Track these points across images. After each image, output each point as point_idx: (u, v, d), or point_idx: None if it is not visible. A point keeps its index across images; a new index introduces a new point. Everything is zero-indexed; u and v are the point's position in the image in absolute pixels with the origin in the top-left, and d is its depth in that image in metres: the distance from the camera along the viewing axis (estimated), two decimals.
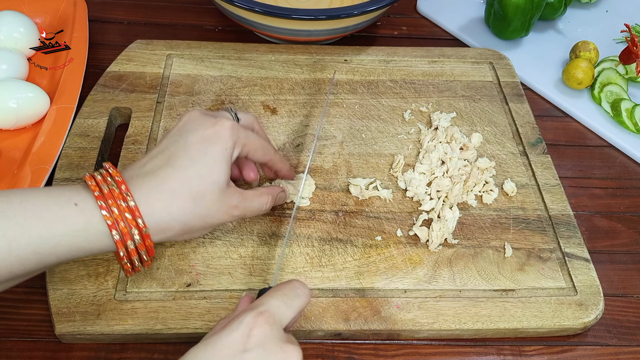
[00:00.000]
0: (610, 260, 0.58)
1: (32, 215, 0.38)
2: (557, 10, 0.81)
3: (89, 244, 0.40)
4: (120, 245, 0.40)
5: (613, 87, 0.73)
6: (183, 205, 0.42)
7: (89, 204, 0.40)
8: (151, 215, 0.41)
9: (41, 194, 0.40)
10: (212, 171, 0.43)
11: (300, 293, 0.41)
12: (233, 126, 0.46)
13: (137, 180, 0.42)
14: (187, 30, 0.79)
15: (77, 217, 0.39)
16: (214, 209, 0.44)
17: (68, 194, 0.40)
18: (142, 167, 0.43)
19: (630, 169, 0.67)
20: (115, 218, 0.40)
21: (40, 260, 0.39)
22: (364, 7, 0.68)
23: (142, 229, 0.40)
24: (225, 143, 0.45)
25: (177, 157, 0.43)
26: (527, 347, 0.51)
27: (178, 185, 0.42)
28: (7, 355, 0.47)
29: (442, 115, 0.65)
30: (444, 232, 0.54)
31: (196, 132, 0.45)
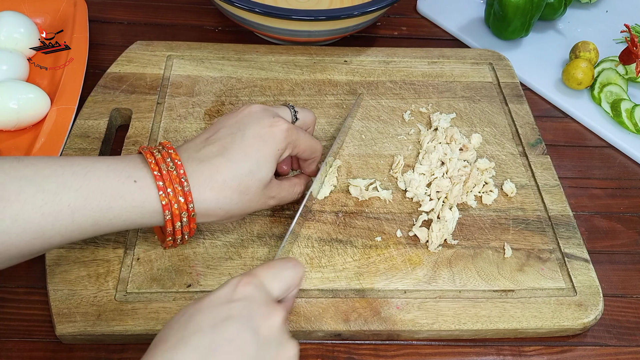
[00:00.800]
0: (609, 260, 0.58)
1: (95, 188, 0.40)
2: (557, 10, 0.81)
3: (142, 219, 0.43)
4: (169, 224, 0.44)
5: (613, 87, 0.73)
6: (230, 196, 0.45)
7: (147, 182, 0.42)
8: (201, 202, 0.44)
9: (103, 166, 0.42)
10: (261, 169, 0.46)
11: (291, 266, 0.41)
12: (289, 128, 0.48)
13: (192, 164, 0.44)
14: (187, 30, 0.79)
15: (135, 194, 0.42)
16: (254, 200, 0.47)
17: (128, 170, 0.42)
18: (198, 151, 0.45)
19: (630, 169, 0.68)
20: (170, 199, 0.42)
21: (97, 230, 0.42)
22: (364, 8, 0.68)
23: (191, 212, 0.43)
24: (278, 144, 0.47)
25: (232, 149, 0.45)
26: (526, 348, 0.51)
27: (229, 178, 0.44)
28: (7, 355, 0.47)
29: (441, 116, 0.65)
30: (444, 232, 0.54)
31: (254, 128, 0.47)
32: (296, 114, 0.52)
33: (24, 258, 0.41)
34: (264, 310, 0.37)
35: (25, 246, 0.39)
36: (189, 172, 0.43)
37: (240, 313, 0.36)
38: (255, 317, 0.36)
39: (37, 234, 0.39)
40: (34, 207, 0.38)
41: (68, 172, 0.40)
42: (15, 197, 0.38)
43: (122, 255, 0.51)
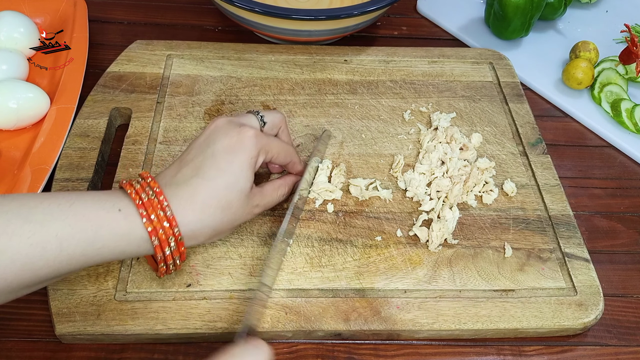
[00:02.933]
0: (610, 260, 0.58)
1: (81, 218, 0.40)
2: (557, 10, 0.81)
3: (130, 248, 0.42)
4: (159, 250, 0.43)
5: (613, 87, 0.73)
6: (213, 214, 0.45)
7: (131, 211, 0.42)
8: (186, 225, 0.44)
9: (87, 198, 0.42)
10: (238, 180, 0.46)
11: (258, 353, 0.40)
12: (256, 135, 0.48)
13: (170, 189, 0.44)
14: (187, 30, 0.79)
15: (121, 222, 0.42)
16: (239, 212, 0.47)
17: (112, 200, 0.42)
18: (174, 176, 0.46)
19: (630, 169, 0.67)
20: (155, 225, 0.42)
21: (86, 261, 0.41)
22: (363, 8, 0.68)
23: (177, 236, 0.43)
24: (249, 152, 0.47)
25: (205, 167, 0.46)
26: (527, 347, 0.51)
27: (208, 197, 0.45)
28: (7, 355, 0.47)
29: (442, 116, 0.65)
30: (444, 232, 0.54)
31: (222, 142, 0.47)
32: (263, 118, 0.52)
33: (13, 293, 0.40)
34: None
35: (13, 279, 0.38)
36: (169, 197, 0.43)
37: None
38: None
39: (25, 265, 0.38)
40: (21, 238, 0.38)
41: (54, 204, 0.40)
42: (3, 229, 0.38)
43: None
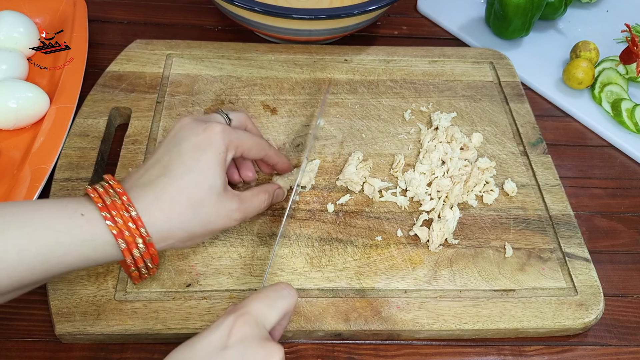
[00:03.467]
0: (610, 260, 0.58)
1: (41, 225, 0.39)
2: (558, 10, 0.81)
3: (95, 254, 0.41)
4: (127, 253, 0.41)
5: (613, 87, 0.73)
6: (183, 213, 0.43)
7: (95, 215, 0.41)
8: (153, 225, 0.42)
9: (48, 205, 0.40)
10: (207, 177, 0.44)
11: (286, 295, 0.41)
12: (224, 130, 0.46)
13: (136, 190, 0.43)
14: (187, 30, 0.79)
15: (84, 227, 0.40)
16: (214, 214, 0.45)
17: (74, 206, 0.41)
18: (140, 177, 0.44)
19: (630, 169, 0.67)
20: (120, 228, 0.41)
21: (49, 270, 0.39)
22: (364, 7, 0.68)
23: (145, 237, 0.42)
24: (217, 148, 0.46)
25: (172, 166, 0.44)
26: (527, 347, 0.51)
27: (176, 194, 0.43)
28: (7, 355, 0.47)
29: (442, 115, 0.65)
30: (445, 232, 0.54)
31: (189, 140, 0.45)
32: (228, 116, 0.51)
33: None
34: (261, 354, 0.36)
35: None
36: (134, 199, 0.42)
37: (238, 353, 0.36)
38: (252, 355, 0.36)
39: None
40: None
41: (8, 213, 0.39)
42: None
43: None
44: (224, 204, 0.46)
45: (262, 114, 0.65)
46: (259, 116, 0.65)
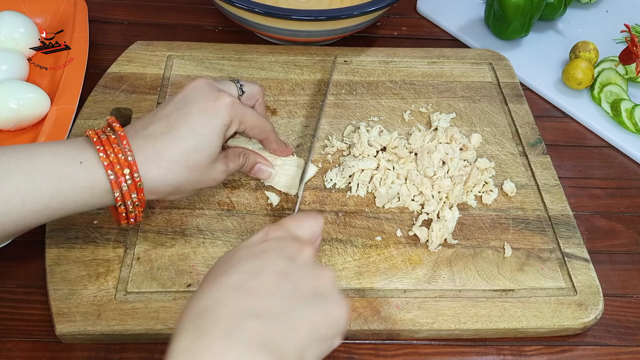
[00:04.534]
0: (609, 260, 0.58)
1: (42, 172, 0.41)
2: (557, 10, 0.81)
3: (93, 199, 0.43)
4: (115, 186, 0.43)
5: (613, 87, 0.73)
6: (180, 173, 0.45)
7: (94, 162, 0.42)
8: (149, 179, 0.44)
9: (47, 151, 0.42)
10: (210, 143, 0.46)
11: (313, 217, 0.43)
12: (233, 103, 0.48)
13: (138, 141, 0.44)
14: (187, 30, 0.79)
15: (82, 174, 0.42)
16: (204, 176, 0.47)
17: (73, 152, 0.42)
18: (145, 128, 0.45)
19: (630, 169, 0.68)
20: (118, 177, 0.42)
21: (51, 214, 0.42)
22: (363, 8, 0.68)
23: (137, 182, 0.43)
24: (223, 119, 0.47)
25: (178, 125, 0.45)
26: (526, 347, 0.51)
27: (177, 155, 0.44)
28: (7, 355, 0.47)
29: (441, 116, 0.65)
30: (444, 232, 0.54)
31: (199, 103, 0.47)
32: (242, 87, 0.52)
33: None
34: (296, 245, 0.39)
35: None
36: (135, 150, 0.43)
37: (275, 247, 0.38)
38: (288, 249, 0.38)
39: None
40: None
41: (13, 159, 0.41)
42: None
43: (122, 255, 0.51)
44: (215, 167, 0.48)
45: None
46: None
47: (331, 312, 0.36)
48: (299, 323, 0.34)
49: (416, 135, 0.62)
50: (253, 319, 0.33)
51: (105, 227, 0.53)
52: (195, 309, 0.34)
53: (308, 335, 0.34)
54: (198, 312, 0.34)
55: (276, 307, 0.34)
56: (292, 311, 0.35)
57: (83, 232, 0.53)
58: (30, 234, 0.54)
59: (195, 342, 0.32)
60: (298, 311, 0.35)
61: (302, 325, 0.34)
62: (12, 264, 0.53)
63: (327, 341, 0.36)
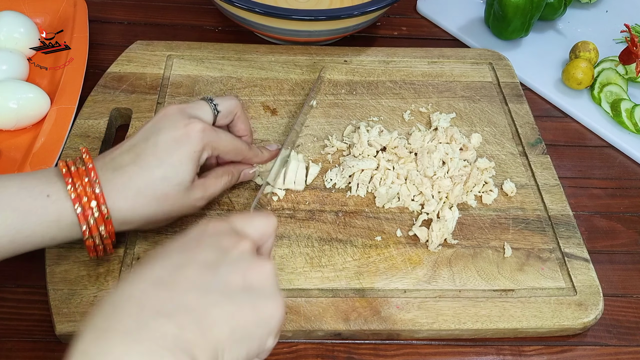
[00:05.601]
0: (609, 260, 0.58)
1: (7, 207, 0.40)
2: (557, 10, 0.81)
3: (60, 233, 0.42)
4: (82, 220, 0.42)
5: (613, 87, 0.73)
6: (147, 204, 0.44)
7: (60, 196, 0.41)
8: (117, 211, 0.43)
9: (14, 184, 0.41)
10: (177, 173, 0.45)
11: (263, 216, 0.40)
12: (204, 129, 0.46)
13: (106, 173, 0.43)
14: (187, 30, 0.79)
15: (49, 208, 0.41)
16: (177, 205, 0.46)
17: (41, 186, 0.42)
18: (113, 160, 0.45)
19: (630, 169, 0.68)
20: (84, 205, 0.41)
21: (16, 249, 0.41)
22: (363, 8, 0.68)
23: (104, 214, 0.42)
24: (194, 146, 0.46)
25: (145, 155, 0.44)
26: (526, 347, 0.51)
27: (143, 186, 0.43)
28: (7, 355, 0.47)
29: (441, 116, 0.65)
30: (444, 232, 0.54)
31: (167, 132, 0.45)
32: (217, 107, 0.50)
33: None
34: (233, 239, 0.36)
35: None
36: (103, 181, 0.42)
37: (209, 240, 0.35)
38: (223, 242, 0.35)
39: None
40: None
41: None
42: None
43: (122, 255, 0.51)
44: (189, 195, 0.46)
45: (262, 115, 0.65)
46: (259, 117, 0.65)
47: (261, 308, 0.33)
48: (219, 320, 0.31)
49: (416, 135, 0.62)
50: (163, 317, 0.30)
51: None
52: (105, 305, 0.31)
53: (229, 334, 0.31)
54: (105, 309, 0.31)
55: (193, 303, 0.31)
56: (212, 307, 0.32)
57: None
58: None
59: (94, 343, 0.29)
60: (219, 307, 0.32)
61: (222, 322, 0.31)
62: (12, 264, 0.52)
63: (255, 341, 0.33)
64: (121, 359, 0.28)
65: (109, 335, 0.29)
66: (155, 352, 0.28)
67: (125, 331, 0.29)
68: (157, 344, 0.29)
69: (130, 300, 0.31)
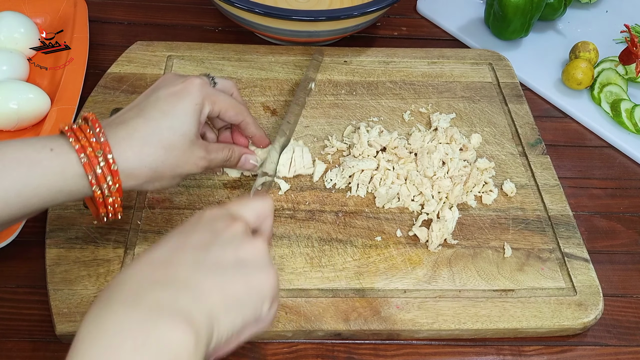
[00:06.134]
0: (609, 260, 0.58)
1: (11, 160, 0.40)
2: (557, 10, 0.81)
3: (67, 186, 0.42)
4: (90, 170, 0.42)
5: (613, 87, 0.73)
6: (154, 153, 0.44)
7: (64, 149, 0.42)
8: (124, 162, 0.43)
9: (18, 142, 0.42)
10: (182, 123, 0.46)
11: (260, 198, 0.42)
12: (202, 83, 0.48)
13: (110, 129, 0.44)
14: (187, 30, 0.79)
15: (53, 160, 0.41)
16: (183, 159, 0.46)
17: (44, 141, 0.42)
18: (117, 117, 0.46)
19: (629, 169, 0.68)
20: (91, 159, 0.42)
21: (25, 204, 0.41)
22: (363, 8, 0.68)
23: (111, 164, 0.42)
24: (194, 98, 0.47)
25: (148, 109, 0.46)
26: (526, 347, 0.51)
27: (149, 134, 0.44)
28: (7, 355, 0.47)
29: (441, 116, 0.65)
30: (444, 232, 0.54)
31: (167, 88, 0.47)
32: (214, 79, 0.52)
33: None
34: (226, 221, 0.38)
35: None
36: (108, 134, 0.43)
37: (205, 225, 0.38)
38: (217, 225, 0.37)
39: None
40: None
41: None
42: None
43: (122, 255, 0.51)
44: (194, 150, 0.47)
45: (262, 115, 0.65)
46: (259, 117, 0.65)
47: (251, 278, 0.36)
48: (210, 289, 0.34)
49: (416, 136, 0.62)
50: (159, 288, 0.33)
51: (105, 228, 0.53)
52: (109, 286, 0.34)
53: (221, 301, 0.34)
54: (109, 288, 0.34)
55: (186, 276, 0.34)
56: (204, 279, 0.34)
57: (83, 232, 0.53)
58: (31, 234, 0.54)
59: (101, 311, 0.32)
60: (210, 279, 0.34)
61: (213, 291, 0.34)
62: (12, 264, 0.53)
63: (249, 308, 0.35)
64: (122, 322, 0.31)
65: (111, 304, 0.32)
66: (154, 314, 0.31)
67: (124, 301, 0.32)
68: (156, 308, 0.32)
69: (131, 278, 0.34)
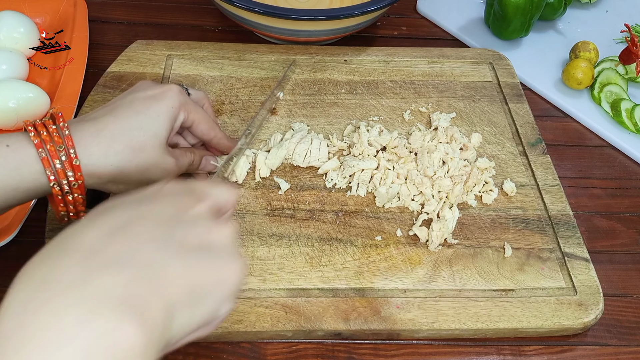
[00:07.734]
0: (610, 260, 0.58)
1: None
2: (557, 10, 0.81)
3: (23, 183, 0.40)
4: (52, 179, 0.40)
5: (613, 87, 0.73)
6: (122, 152, 0.43)
7: (22, 144, 0.41)
8: (88, 158, 0.42)
9: None
10: (154, 124, 0.45)
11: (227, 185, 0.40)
12: (180, 91, 0.48)
13: (78, 124, 0.43)
14: (187, 30, 0.79)
15: (9, 156, 0.40)
16: (153, 163, 0.45)
17: (0, 139, 0.41)
18: (86, 116, 0.45)
19: (630, 169, 0.67)
20: (49, 149, 0.40)
21: None
22: (363, 8, 0.68)
23: (72, 159, 0.41)
24: (171, 102, 0.46)
25: (121, 108, 0.45)
26: (526, 347, 0.51)
27: (118, 132, 0.43)
28: None
29: (441, 116, 0.65)
30: (444, 232, 0.54)
31: (144, 92, 0.46)
32: (187, 90, 0.52)
33: None
34: (192, 198, 0.34)
35: None
36: (73, 129, 0.41)
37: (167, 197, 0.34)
38: (182, 201, 0.34)
39: None
40: None
41: None
42: None
43: None
44: (163, 155, 0.46)
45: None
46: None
47: (218, 269, 0.32)
48: (174, 277, 0.29)
49: (416, 135, 0.62)
50: (113, 270, 0.28)
51: None
52: (50, 250, 0.29)
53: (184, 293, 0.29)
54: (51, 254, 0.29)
55: (147, 258, 0.29)
56: (167, 263, 0.29)
57: None
58: (30, 234, 0.54)
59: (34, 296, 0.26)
60: (175, 263, 0.30)
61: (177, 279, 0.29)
62: (12, 264, 0.52)
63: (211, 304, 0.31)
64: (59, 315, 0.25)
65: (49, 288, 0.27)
66: (96, 308, 0.26)
67: (67, 284, 0.27)
68: (101, 299, 0.26)
69: (78, 248, 0.29)
